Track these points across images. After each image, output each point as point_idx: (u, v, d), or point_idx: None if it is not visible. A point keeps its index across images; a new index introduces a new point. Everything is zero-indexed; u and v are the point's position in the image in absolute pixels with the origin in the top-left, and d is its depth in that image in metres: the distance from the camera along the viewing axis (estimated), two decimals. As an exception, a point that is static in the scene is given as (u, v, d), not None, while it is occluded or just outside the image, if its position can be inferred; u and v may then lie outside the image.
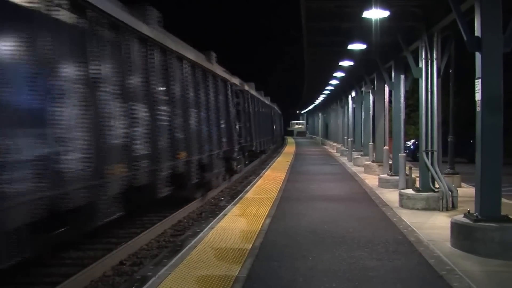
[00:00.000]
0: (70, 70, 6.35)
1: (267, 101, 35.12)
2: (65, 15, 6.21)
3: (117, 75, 7.70)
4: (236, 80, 19.02)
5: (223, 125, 15.51)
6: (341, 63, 16.82)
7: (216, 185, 14.72)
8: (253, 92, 25.01)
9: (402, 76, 12.78)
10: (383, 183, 13.05)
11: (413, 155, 21.43)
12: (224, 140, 15.41)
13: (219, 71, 15.53)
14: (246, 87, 21.83)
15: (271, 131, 37.08)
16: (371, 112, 17.82)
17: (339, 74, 20.92)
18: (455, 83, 14.45)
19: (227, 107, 16.35)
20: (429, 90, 9.85)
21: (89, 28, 6.77)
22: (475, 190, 6.86)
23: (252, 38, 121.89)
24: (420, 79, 10.08)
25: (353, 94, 24.05)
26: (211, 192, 14.09)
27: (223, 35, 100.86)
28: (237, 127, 17.75)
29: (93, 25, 6.86)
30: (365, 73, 17.48)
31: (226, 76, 16.68)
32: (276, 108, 47.08)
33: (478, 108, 6.70)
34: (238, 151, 17.34)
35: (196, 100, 12.26)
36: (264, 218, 8.72)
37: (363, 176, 15.95)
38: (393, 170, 13.08)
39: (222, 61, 17.08)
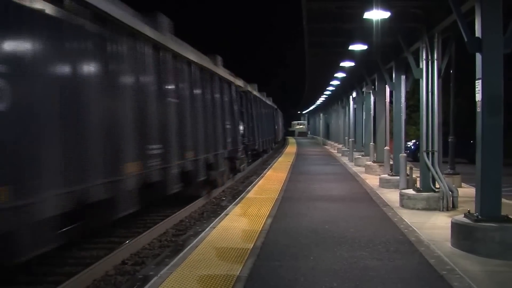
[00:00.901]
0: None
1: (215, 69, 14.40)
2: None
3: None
4: None
5: None
6: (342, 64, 16.85)
7: None
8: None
9: (403, 77, 12.80)
10: (383, 183, 13.07)
11: (413, 156, 21.43)
12: None
13: None
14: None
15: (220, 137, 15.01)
16: (372, 112, 17.86)
17: (340, 74, 20.96)
18: (456, 83, 14.47)
19: None
20: (429, 90, 9.88)
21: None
22: (475, 190, 6.89)
23: (253, 39, 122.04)
24: (420, 80, 10.11)
25: (354, 94, 24.07)
26: (213, 192, 14.08)
27: (224, 36, 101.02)
28: None
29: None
30: (366, 74, 17.50)
31: None
32: (259, 95, 27.20)
33: (479, 109, 6.74)
34: None
35: None
36: (265, 218, 8.76)
37: (364, 176, 15.98)
38: (394, 170, 13.11)
39: (224, 63, 17.05)
